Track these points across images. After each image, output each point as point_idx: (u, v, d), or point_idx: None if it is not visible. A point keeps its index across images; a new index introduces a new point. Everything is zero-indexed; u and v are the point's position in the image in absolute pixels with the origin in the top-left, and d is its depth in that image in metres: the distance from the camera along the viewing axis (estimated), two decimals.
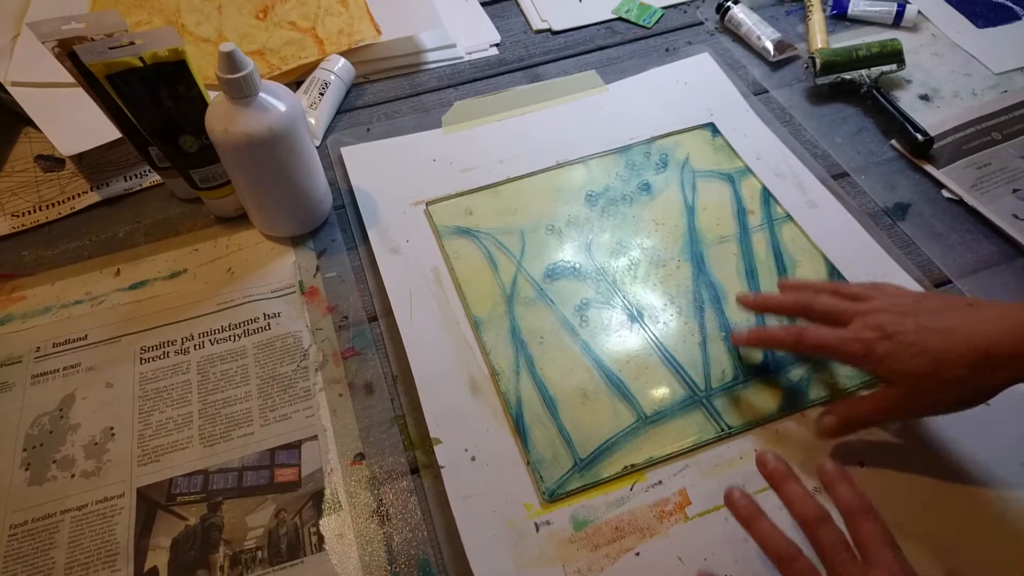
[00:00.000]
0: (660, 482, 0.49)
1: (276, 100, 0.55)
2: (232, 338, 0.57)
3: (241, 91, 0.53)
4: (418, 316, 0.57)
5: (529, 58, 0.81)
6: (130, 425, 0.53)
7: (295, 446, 0.51)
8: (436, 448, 0.50)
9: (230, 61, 0.51)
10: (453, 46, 0.81)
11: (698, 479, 0.49)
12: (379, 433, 0.52)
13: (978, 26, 0.82)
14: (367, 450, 0.51)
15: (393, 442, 0.51)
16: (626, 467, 0.49)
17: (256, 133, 0.54)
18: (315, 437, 0.52)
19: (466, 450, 0.50)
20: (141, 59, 0.53)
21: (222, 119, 0.54)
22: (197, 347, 0.57)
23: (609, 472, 0.49)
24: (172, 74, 0.55)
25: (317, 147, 0.71)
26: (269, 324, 0.58)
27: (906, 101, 0.74)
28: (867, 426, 0.48)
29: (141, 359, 0.56)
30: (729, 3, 0.82)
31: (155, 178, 0.69)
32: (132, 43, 0.54)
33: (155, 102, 0.56)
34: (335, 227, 0.64)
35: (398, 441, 0.51)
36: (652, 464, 0.49)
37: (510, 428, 0.51)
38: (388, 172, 0.68)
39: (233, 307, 0.59)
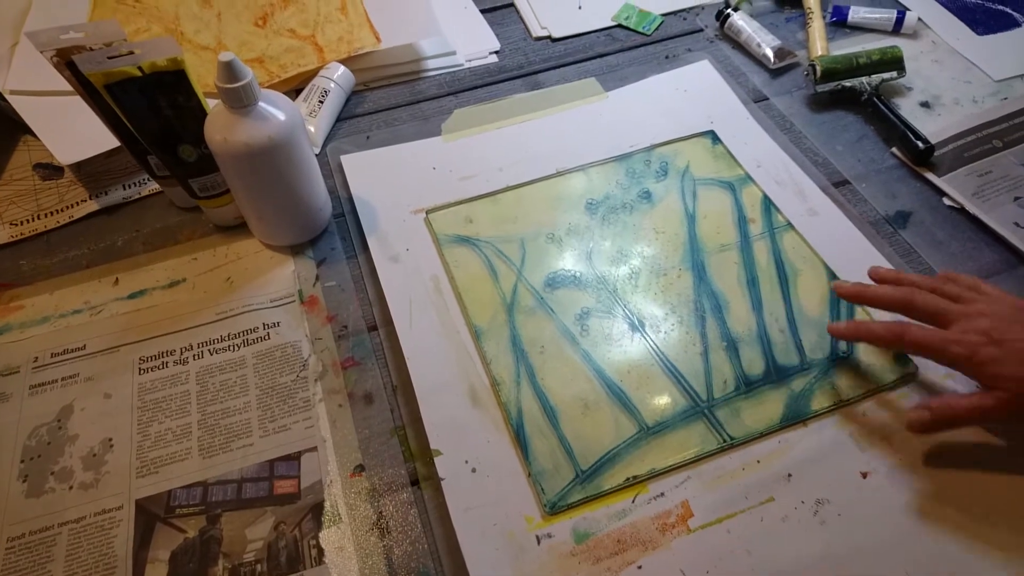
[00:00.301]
0: (662, 494, 0.48)
1: (275, 109, 0.55)
2: (231, 348, 0.57)
3: (240, 101, 0.53)
4: (418, 325, 0.57)
5: (529, 65, 0.81)
6: (128, 436, 0.52)
7: (294, 457, 0.51)
8: (436, 460, 0.49)
9: (229, 71, 0.51)
10: (453, 53, 0.81)
11: (700, 491, 0.49)
12: (379, 444, 0.51)
13: (978, 33, 0.82)
14: (367, 461, 0.50)
15: (393, 453, 0.51)
16: (628, 479, 0.49)
17: (255, 143, 0.54)
18: (315, 448, 0.51)
19: (466, 462, 0.50)
20: (140, 68, 0.53)
21: (221, 128, 0.54)
22: (196, 357, 0.57)
23: (611, 484, 0.49)
24: (171, 83, 0.54)
25: (316, 155, 0.71)
26: (268, 334, 0.57)
27: (907, 108, 0.74)
28: (961, 426, 0.48)
29: (140, 369, 0.56)
30: (729, 10, 0.82)
31: (154, 187, 0.69)
32: (131, 52, 0.54)
33: (154, 111, 0.56)
34: (335, 236, 0.64)
35: (398, 452, 0.51)
36: (654, 476, 0.49)
37: (511, 439, 0.51)
38: (388, 180, 0.68)
39: (232, 317, 0.59)
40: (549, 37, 0.84)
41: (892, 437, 0.51)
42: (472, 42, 0.83)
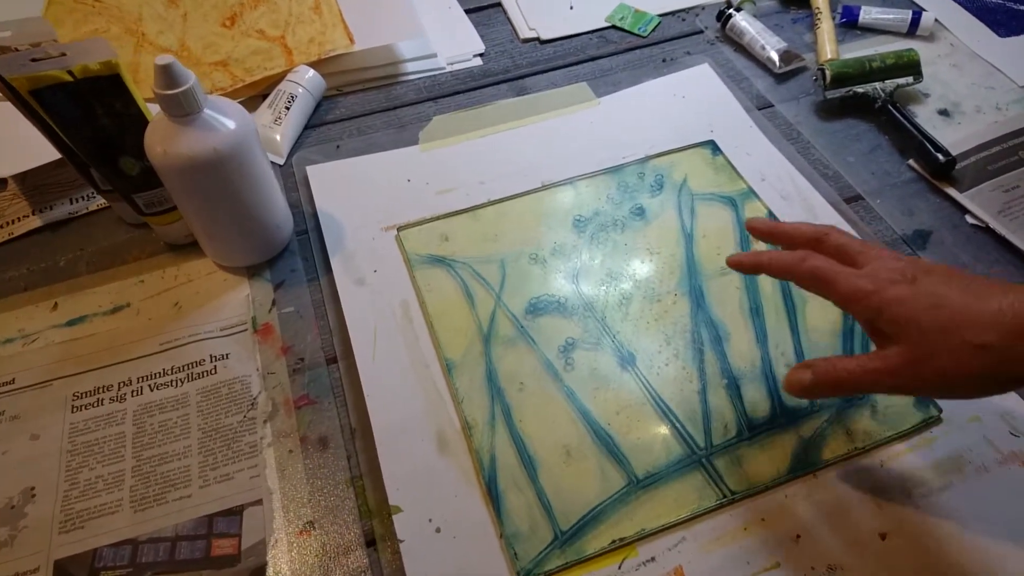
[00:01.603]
0: (653, 558, 0.42)
1: (223, 117, 0.49)
2: (174, 383, 0.51)
3: (181, 108, 0.47)
4: (382, 358, 0.51)
5: (515, 69, 0.75)
6: (54, 485, 0.47)
7: (236, 512, 0.45)
8: (395, 518, 0.43)
9: (167, 75, 0.45)
10: (433, 56, 0.76)
11: (697, 555, 0.43)
12: (333, 497, 0.45)
13: (1000, 35, 0.76)
14: (318, 517, 0.44)
15: (348, 508, 0.45)
16: (614, 541, 0.43)
17: (199, 155, 0.48)
18: (259, 501, 0.45)
19: (430, 520, 0.44)
20: (70, 73, 0.47)
21: (161, 139, 0.48)
22: (135, 393, 0.51)
23: (594, 547, 0.43)
24: (106, 90, 0.49)
25: (281, 166, 0.65)
26: (215, 367, 0.52)
27: (924, 117, 0.68)
28: (849, 391, 0.39)
29: (73, 407, 0.50)
30: (731, 10, 0.76)
31: (102, 201, 0.63)
32: (62, 55, 0.48)
33: (89, 120, 0.50)
34: (296, 256, 0.58)
35: (354, 507, 0.45)
36: (644, 537, 0.43)
37: (482, 493, 0.45)
38: (357, 193, 0.62)
39: (177, 347, 0.53)
40: (537, 39, 0.78)
41: (914, 491, 0.45)
42: (455, 44, 0.78)
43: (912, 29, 0.76)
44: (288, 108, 0.67)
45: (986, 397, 0.37)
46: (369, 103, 0.72)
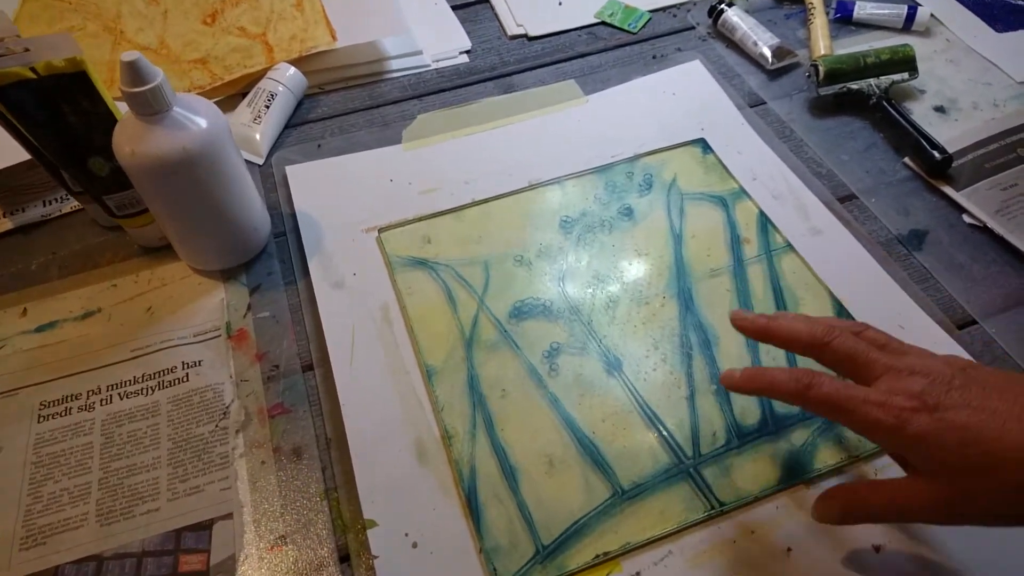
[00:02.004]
0: (638, 573, 0.41)
1: (194, 116, 0.47)
2: (144, 391, 0.49)
3: (149, 106, 0.45)
4: (360, 364, 0.49)
5: (502, 66, 0.73)
6: (16, 499, 0.45)
7: (206, 526, 0.43)
8: (370, 532, 0.42)
9: (133, 72, 0.44)
10: (419, 53, 0.74)
11: (684, 569, 0.41)
12: (306, 510, 0.44)
13: (997, 30, 0.74)
14: (290, 532, 0.43)
15: (323, 521, 0.43)
16: (598, 556, 0.41)
17: (168, 155, 0.46)
18: (230, 515, 0.44)
19: (407, 534, 0.42)
20: (33, 70, 0.46)
21: (130, 139, 0.46)
22: (104, 402, 0.49)
23: (577, 562, 0.41)
24: (72, 87, 0.47)
25: (260, 166, 0.64)
26: (187, 375, 0.50)
27: (920, 113, 0.67)
28: (880, 521, 0.37)
29: (39, 416, 0.49)
30: (723, 5, 0.75)
31: (76, 203, 0.61)
32: (27, 50, 0.46)
33: (55, 119, 0.48)
34: (273, 258, 0.57)
35: (329, 520, 0.43)
36: (629, 551, 0.41)
37: (461, 506, 0.43)
38: (338, 194, 0.60)
39: (149, 354, 0.51)
40: (525, 36, 0.77)
41: None
42: (441, 41, 0.76)
43: (908, 24, 0.74)
44: (268, 107, 0.65)
45: None
46: (352, 101, 0.70)
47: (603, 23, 0.78)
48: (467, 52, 0.75)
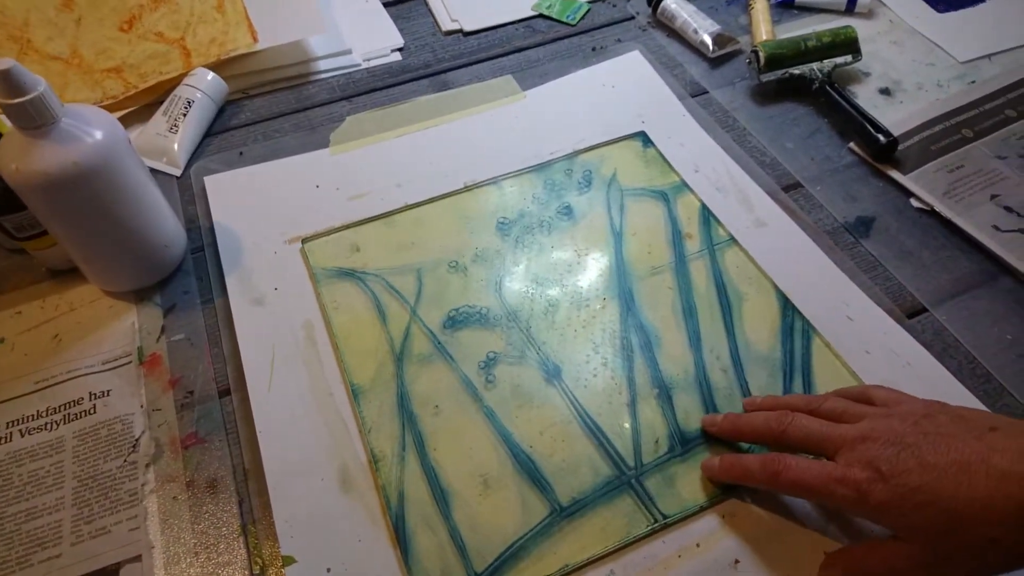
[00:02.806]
0: None
1: (86, 127, 0.44)
2: (48, 426, 0.46)
3: (31, 119, 0.42)
4: (280, 387, 0.46)
5: (437, 63, 0.70)
6: None
7: (111, 571, 0.40)
8: (287, 570, 0.38)
9: (8, 82, 0.40)
10: (348, 52, 0.71)
11: None
12: (221, 548, 0.40)
13: (939, 11, 0.73)
14: (204, 572, 0.39)
15: (239, 560, 0.40)
16: None
17: (57, 171, 0.43)
18: (138, 558, 0.40)
19: (328, 570, 0.39)
20: None
21: (15, 156, 0.43)
22: (4, 440, 0.45)
23: None
24: None
25: (179, 177, 0.60)
26: (95, 406, 0.46)
27: (865, 97, 0.65)
28: None
29: None
30: None
31: None
32: None
33: None
34: (191, 276, 0.53)
35: (246, 559, 0.40)
36: (568, 574, 0.39)
37: (388, 535, 0.40)
38: (259, 204, 0.57)
39: (54, 385, 0.48)
40: (460, 31, 0.74)
41: None
42: (372, 39, 0.73)
43: (850, 6, 0.73)
44: (185, 114, 0.62)
45: None
46: (277, 105, 0.66)
47: (541, 16, 0.75)
48: (400, 50, 0.72)
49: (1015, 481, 0.30)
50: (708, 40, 0.69)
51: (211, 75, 0.64)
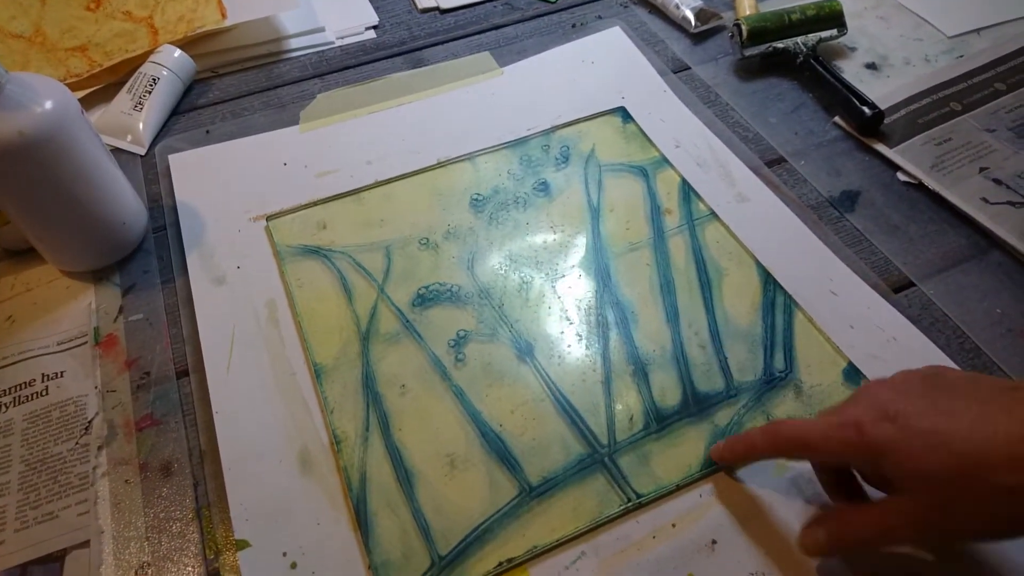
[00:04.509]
0: None
1: (33, 95, 0.42)
2: None
3: None
4: (239, 367, 0.44)
5: (412, 41, 0.69)
6: None
7: (57, 558, 0.38)
8: (240, 554, 0.37)
9: None
10: (321, 30, 0.69)
11: (599, 571, 0.37)
12: (174, 533, 0.38)
13: None
14: (156, 558, 0.38)
15: (193, 545, 0.38)
16: (501, 563, 0.37)
17: (1, 141, 0.40)
18: (86, 543, 0.38)
19: (285, 554, 0.37)
20: None
21: None
22: None
23: (478, 572, 0.37)
24: None
25: (143, 156, 0.58)
26: (47, 388, 0.44)
27: (851, 71, 0.63)
28: (868, 548, 0.33)
29: None
30: None
31: None
32: None
33: None
34: (151, 255, 0.51)
35: (199, 543, 0.38)
36: (537, 555, 0.37)
37: (349, 518, 0.38)
38: (224, 182, 0.55)
39: (5, 367, 0.46)
40: (437, 8, 0.72)
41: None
42: (346, 16, 0.71)
43: None
44: (150, 92, 0.60)
45: None
46: (247, 84, 0.64)
47: None
48: (374, 27, 0.70)
49: None
50: (690, 15, 0.67)
51: (177, 52, 0.62)
